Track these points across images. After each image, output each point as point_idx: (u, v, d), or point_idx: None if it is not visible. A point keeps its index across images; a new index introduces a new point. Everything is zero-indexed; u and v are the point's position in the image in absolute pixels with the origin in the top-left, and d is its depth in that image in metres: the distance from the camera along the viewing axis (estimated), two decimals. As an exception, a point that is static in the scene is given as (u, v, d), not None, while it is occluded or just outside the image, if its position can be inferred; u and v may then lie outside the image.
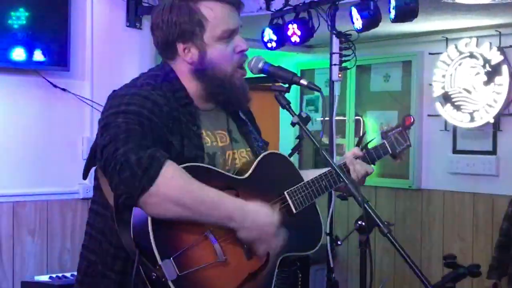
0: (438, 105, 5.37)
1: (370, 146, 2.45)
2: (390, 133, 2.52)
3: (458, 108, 5.25)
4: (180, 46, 1.98)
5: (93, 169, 2.04)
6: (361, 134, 2.46)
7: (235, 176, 2.00)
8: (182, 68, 2.01)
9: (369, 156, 2.41)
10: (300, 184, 2.12)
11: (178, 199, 1.75)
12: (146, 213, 1.76)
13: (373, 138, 2.54)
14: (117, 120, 1.82)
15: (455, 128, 5.38)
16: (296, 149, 4.30)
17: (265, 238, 1.88)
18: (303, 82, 2.01)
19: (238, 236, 1.86)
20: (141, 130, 1.80)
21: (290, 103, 2.03)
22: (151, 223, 1.76)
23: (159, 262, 1.74)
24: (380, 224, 1.87)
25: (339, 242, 2.53)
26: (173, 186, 1.74)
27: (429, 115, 5.55)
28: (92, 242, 2.03)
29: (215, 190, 1.82)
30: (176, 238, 1.79)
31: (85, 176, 2.07)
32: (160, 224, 1.76)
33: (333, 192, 4.18)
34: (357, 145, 2.43)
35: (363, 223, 1.92)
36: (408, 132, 2.56)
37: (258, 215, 1.86)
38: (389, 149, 2.49)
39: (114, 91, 1.99)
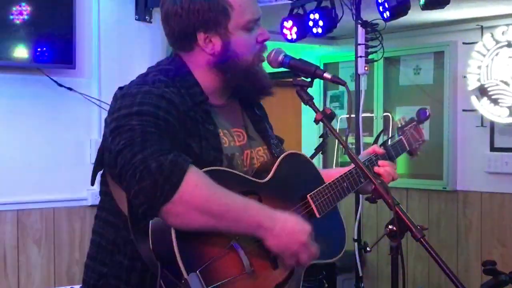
0: (473, 99, 5.33)
1: (388, 143, 2.48)
2: (406, 128, 2.55)
3: (495, 102, 5.21)
4: (201, 36, 1.96)
5: (99, 173, 2.04)
6: (379, 132, 2.52)
7: (256, 180, 2.00)
8: (200, 60, 2.00)
9: (388, 154, 2.42)
10: (322, 186, 2.12)
11: (203, 207, 1.74)
12: (168, 223, 1.75)
13: (390, 136, 2.57)
14: (131, 122, 1.80)
15: (492, 124, 5.34)
16: (320, 148, 4.29)
17: (295, 248, 1.86)
18: (327, 75, 2.00)
19: (266, 244, 1.85)
20: (159, 133, 1.79)
21: (313, 98, 2.03)
22: (174, 234, 1.75)
23: (185, 275, 1.72)
24: (413, 228, 1.85)
25: (368, 249, 2.52)
26: (198, 194, 1.73)
27: (464, 110, 5.51)
28: (102, 253, 2.02)
29: (241, 197, 1.83)
30: (201, 249, 1.79)
31: (93, 182, 2.08)
32: (184, 234, 1.75)
33: (360, 197, 4.20)
34: (375, 142, 2.44)
35: (394, 228, 1.90)
36: (422, 126, 2.61)
37: (287, 222, 1.85)
38: (406, 145, 2.53)
39: (120, 88, 1.98)
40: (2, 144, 4.00)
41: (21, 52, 3.90)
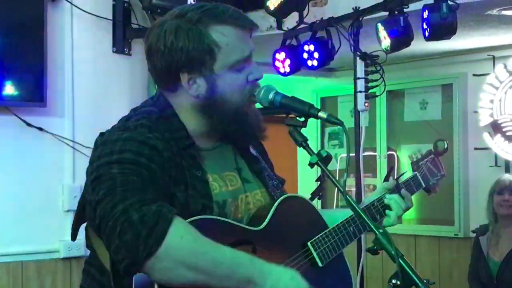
0: (486, 136, 5.37)
1: (400, 180, 2.47)
2: (422, 162, 2.57)
3: (510, 139, 5.25)
4: (184, 77, 1.98)
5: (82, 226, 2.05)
6: (388, 169, 2.58)
7: (250, 228, 2.01)
8: (184, 101, 2.02)
9: (398, 192, 2.43)
10: (324, 232, 2.13)
11: (190, 262, 1.75)
12: (153, 280, 1.76)
13: (404, 171, 2.58)
14: (111, 171, 1.83)
15: (507, 164, 5.37)
16: (317, 193, 4.29)
17: None
18: (322, 115, 2.01)
19: None
20: (141, 181, 1.81)
21: (307, 139, 2.04)
22: None
23: None
24: (419, 282, 1.86)
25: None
26: (184, 248, 1.75)
27: (475, 148, 5.54)
28: None
29: (231, 250, 1.84)
30: None
31: (73, 237, 2.09)
32: None
33: (363, 247, 4.20)
34: (385, 180, 2.46)
35: (398, 282, 1.92)
36: (442, 159, 2.61)
37: (280, 279, 1.86)
38: (422, 181, 2.55)
39: (101, 134, 2.00)
40: (-35, 190, 4.00)
41: (-14, 89, 3.91)
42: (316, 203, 5.83)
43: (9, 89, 3.97)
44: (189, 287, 1.78)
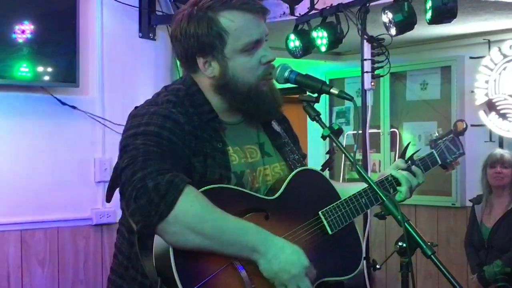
0: (481, 114, 5.34)
1: (416, 156, 2.44)
2: (440, 141, 2.52)
3: (504, 116, 5.21)
4: (200, 60, 2.01)
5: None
6: (405, 145, 2.50)
7: (263, 197, 2.01)
8: (204, 82, 2.05)
9: (408, 169, 2.39)
10: (336, 202, 2.11)
11: (197, 228, 1.78)
12: (165, 241, 1.80)
13: (418, 149, 2.54)
14: (136, 141, 1.88)
15: (501, 139, 5.34)
16: (327, 165, 4.30)
17: (285, 277, 1.85)
18: (334, 91, 2.00)
19: (260, 269, 1.86)
20: (161, 152, 1.85)
21: (320, 114, 2.04)
22: (172, 250, 1.79)
23: None
24: (423, 244, 1.85)
25: (378, 266, 2.50)
26: (192, 215, 1.78)
27: (472, 125, 5.48)
28: (120, 267, 2.07)
29: (237, 219, 1.85)
30: (199, 266, 1.81)
31: (108, 199, 2.13)
32: (183, 251, 1.79)
33: (369, 213, 4.19)
34: (401, 156, 2.43)
35: (404, 244, 1.90)
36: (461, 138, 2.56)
37: (283, 250, 1.86)
38: (438, 159, 2.50)
39: (136, 107, 2.05)
40: (6, 163, 4.01)
41: (24, 71, 3.91)
42: (326, 174, 5.84)
43: (46, 71, 3.99)
44: (198, 250, 1.81)
